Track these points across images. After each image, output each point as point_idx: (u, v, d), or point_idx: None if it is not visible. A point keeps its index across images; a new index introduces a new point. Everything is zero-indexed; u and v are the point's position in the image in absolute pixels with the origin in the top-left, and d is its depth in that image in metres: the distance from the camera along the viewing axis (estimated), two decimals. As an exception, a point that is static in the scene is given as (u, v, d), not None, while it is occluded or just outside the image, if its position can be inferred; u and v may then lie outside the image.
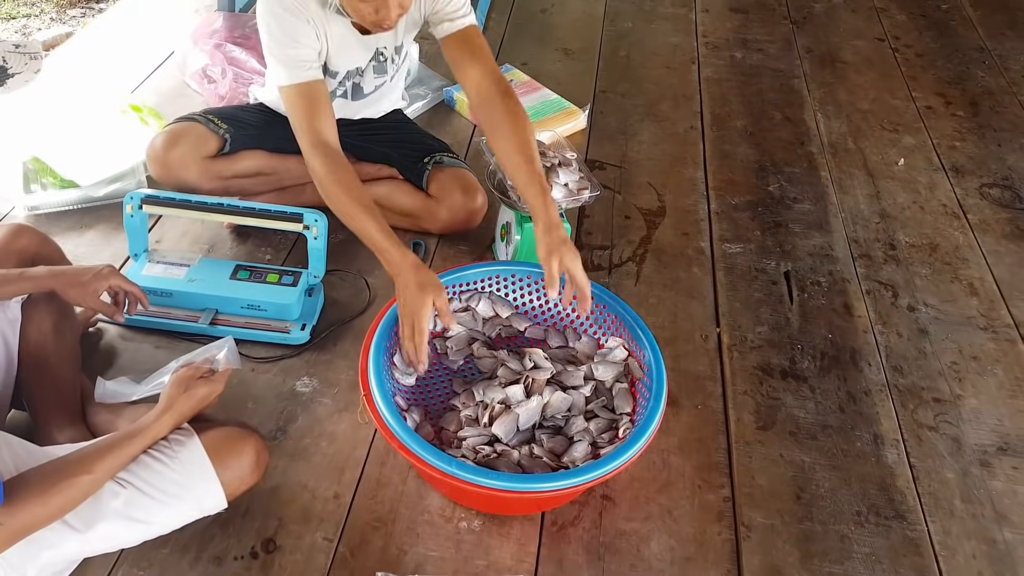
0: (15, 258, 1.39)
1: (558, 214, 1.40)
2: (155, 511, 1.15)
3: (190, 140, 1.70)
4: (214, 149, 1.73)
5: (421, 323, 1.33)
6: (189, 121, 1.75)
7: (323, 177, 1.44)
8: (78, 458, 1.11)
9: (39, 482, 1.04)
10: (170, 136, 1.71)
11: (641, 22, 2.92)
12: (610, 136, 2.30)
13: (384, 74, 1.78)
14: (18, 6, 3.60)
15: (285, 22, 1.48)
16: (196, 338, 1.59)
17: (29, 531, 1.03)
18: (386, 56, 1.73)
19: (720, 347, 1.68)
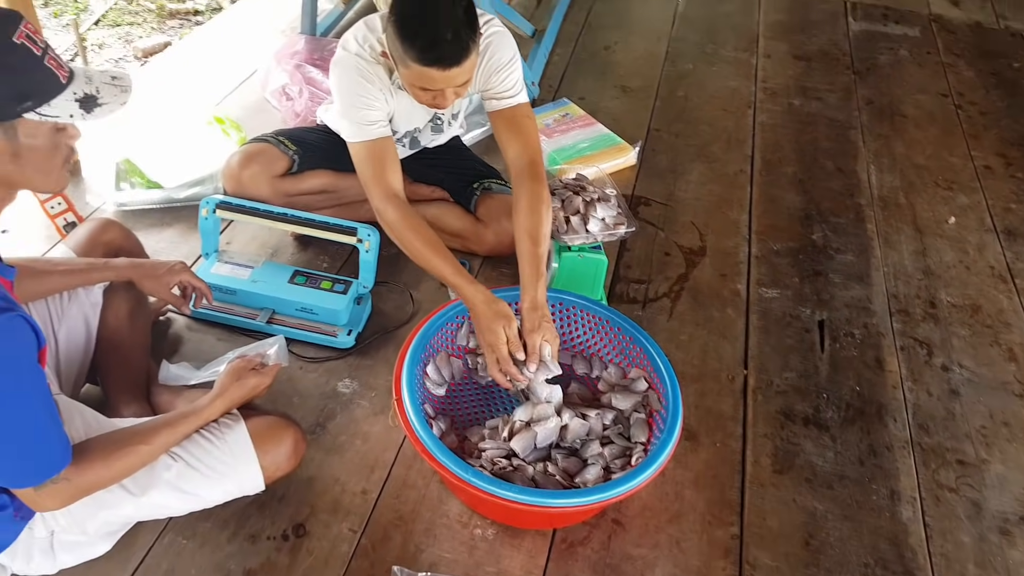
0: (102, 249, 1.57)
1: (546, 297, 1.54)
2: (201, 485, 1.29)
3: (262, 160, 1.87)
4: (283, 169, 1.90)
5: (502, 352, 1.47)
6: (262, 142, 1.92)
7: (396, 224, 1.59)
8: (139, 430, 1.26)
9: (104, 448, 1.19)
10: (244, 156, 1.88)
11: (702, 64, 3.01)
12: (659, 174, 2.39)
13: (441, 132, 1.95)
14: (123, 14, 3.93)
15: (358, 86, 1.62)
16: (253, 334, 1.75)
17: (92, 490, 1.18)
18: (443, 120, 1.91)
19: (745, 388, 1.75)
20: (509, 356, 1.48)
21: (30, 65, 0.98)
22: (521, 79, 1.72)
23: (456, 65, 1.46)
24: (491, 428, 1.50)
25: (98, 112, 1.04)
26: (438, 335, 1.59)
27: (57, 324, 1.47)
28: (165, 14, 3.97)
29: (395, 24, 1.46)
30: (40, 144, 1.02)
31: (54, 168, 1.07)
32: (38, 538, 1.25)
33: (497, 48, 1.67)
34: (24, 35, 0.98)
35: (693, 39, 3.18)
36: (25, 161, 1.02)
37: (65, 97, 1.01)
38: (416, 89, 1.54)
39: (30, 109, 0.99)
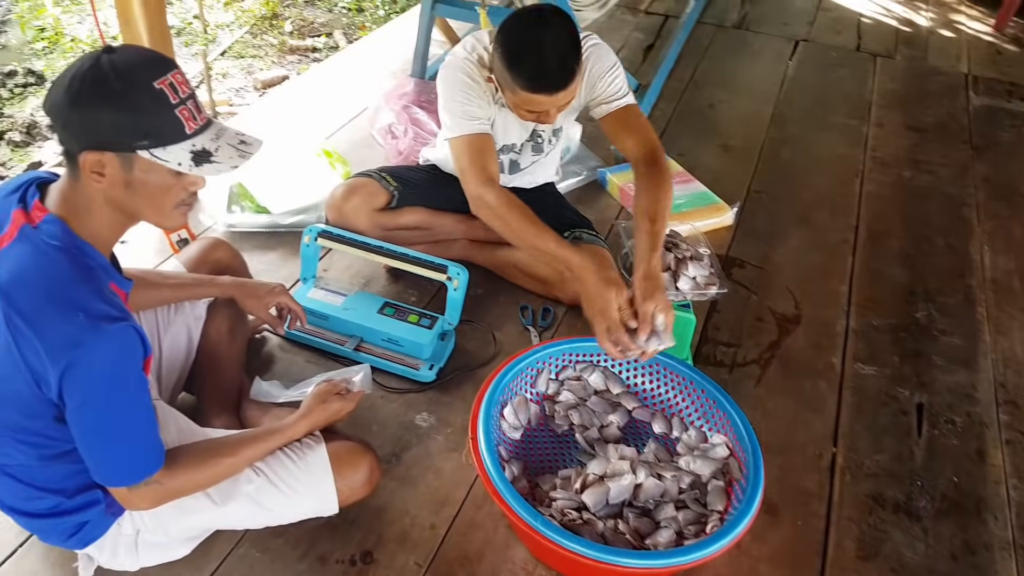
0: (209, 266, 1.68)
1: (660, 267, 1.56)
2: (278, 501, 1.35)
3: (364, 194, 1.97)
4: (383, 203, 1.99)
5: (612, 318, 1.50)
6: (365, 177, 2.02)
7: (498, 205, 1.69)
8: (227, 442, 1.33)
9: (194, 456, 1.26)
10: (348, 188, 1.99)
11: (809, 128, 2.98)
12: (756, 236, 2.37)
13: (540, 152, 2.00)
14: (247, 47, 4.23)
15: (464, 84, 1.75)
16: (340, 359, 1.83)
17: (179, 494, 1.25)
18: (543, 137, 1.96)
19: (833, 467, 1.69)
20: (620, 323, 1.49)
21: (159, 110, 1.06)
22: (626, 83, 1.81)
23: (562, 90, 1.57)
24: (563, 478, 1.50)
25: (207, 168, 1.11)
26: (518, 378, 1.62)
27: (162, 333, 1.57)
28: (286, 49, 4.25)
29: (502, 53, 1.56)
30: (152, 181, 1.10)
31: (164, 207, 1.14)
32: (125, 535, 1.32)
33: (598, 58, 1.78)
34: (167, 83, 1.06)
35: (802, 103, 3.16)
36: (135, 193, 1.10)
37: (182, 147, 1.09)
38: (521, 110, 1.64)
39: (145, 148, 1.06)
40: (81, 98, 1.03)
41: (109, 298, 1.10)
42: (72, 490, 1.24)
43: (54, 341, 1.05)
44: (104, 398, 1.09)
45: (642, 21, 3.78)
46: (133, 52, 1.10)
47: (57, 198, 1.12)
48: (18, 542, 1.42)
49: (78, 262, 1.10)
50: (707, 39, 3.63)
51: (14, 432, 1.16)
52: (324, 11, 4.71)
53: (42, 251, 1.08)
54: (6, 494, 1.26)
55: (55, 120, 1.07)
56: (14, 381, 1.08)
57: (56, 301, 1.06)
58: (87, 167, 1.07)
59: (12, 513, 1.29)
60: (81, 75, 1.04)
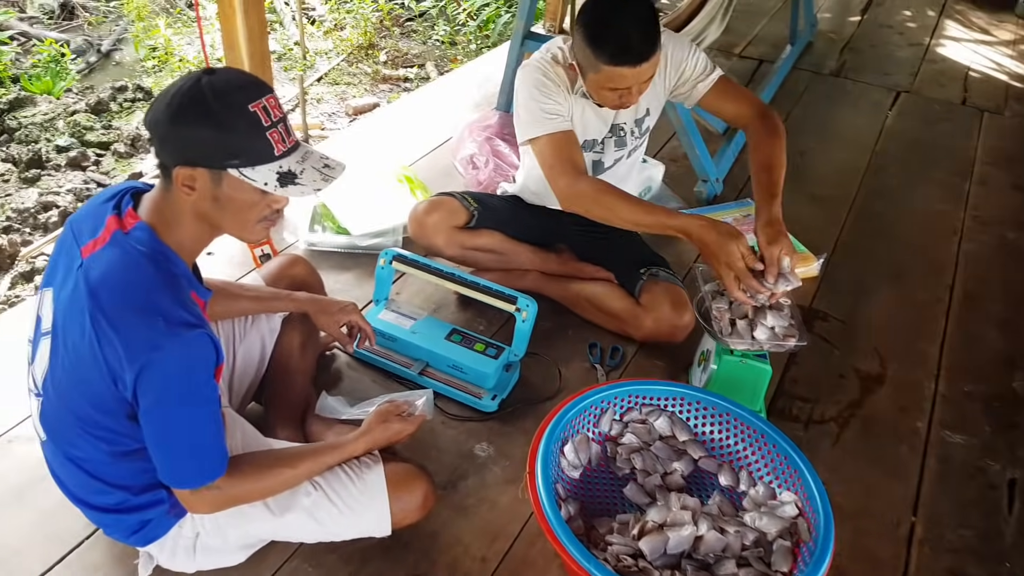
0: (287, 281, 1.74)
1: (780, 214, 1.65)
2: (333, 517, 1.37)
3: (445, 210, 2.02)
4: (462, 221, 2.04)
5: (739, 267, 1.58)
6: (448, 196, 2.08)
7: (593, 191, 1.74)
8: (288, 455, 1.37)
9: (256, 465, 1.31)
10: (430, 204, 2.05)
11: (906, 182, 2.89)
12: (842, 290, 2.30)
13: (624, 147, 2.00)
14: (342, 75, 4.41)
15: (540, 82, 1.80)
16: (405, 382, 1.86)
17: (239, 502, 1.29)
18: (625, 130, 1.96)
19: (911, 537, 1.61)
20: (747, 270, 1.57)
21: (251, 132, 1.12)
22: (708, 58, 1.86)
23: (646, 61, 1.61)
24: (621, 523, 1.47)
25: (291, 189, 1.16)
26: (581, 416, 1.61)
27: (238, 343, 1.64)
28: (379, 78, 4.42)
29: (583, 31, 1.61)
30: (239, 198, 1.16)
31: (248, 222, 1.20)
32: (185, 537, 1.37)
33: (675, 43, 1.85)
34: (261, 106, 1.12)
35: (899, 155, 3.07)
36: (222, 207, 1.16)
37: (270, 167, 1.14)
38: (604, 91, 1.68)
39: (234, 166, 1.12)
40: (180, 116, 1.10)
41: (188, 306, 1.15)
42: (138, 488, 1.29)
43: (133, 342, 1.10)
44: (175, 401, 1.14)
45: (735, 65, 3.77)
46: (232, 75, 1.16)
47: (149, 207, 1.19)
48: (85, 534, 1.48)
49: (162, 269, 1.16)
50: (802, 85, 3.58)
51: (87, 426, 1.22)
52: (419, 43, 4.89)
53: (130, 256, 1.15)
54: (75, 485, 1.32)
55: (154, 134, 1.14)
56: (92, 376, 1.14)
57: (138, 305, 1.12)
58: (179, 180, 1.13)
59: (80, 504, 1.35)
60: (182, 94, 1.10)
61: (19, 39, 4.30)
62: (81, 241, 1.19)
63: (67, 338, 1.17)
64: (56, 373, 1.21)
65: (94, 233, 1.18)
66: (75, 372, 1.18)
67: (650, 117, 1.99)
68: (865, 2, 4.64)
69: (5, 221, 2.94)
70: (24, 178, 3.20)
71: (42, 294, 1.25)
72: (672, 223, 1.68)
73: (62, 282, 1.20)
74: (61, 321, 1.19)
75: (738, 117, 1.90)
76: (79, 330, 1.14)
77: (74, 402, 1.21)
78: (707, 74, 1.87)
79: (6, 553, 1.46)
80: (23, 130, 3.49)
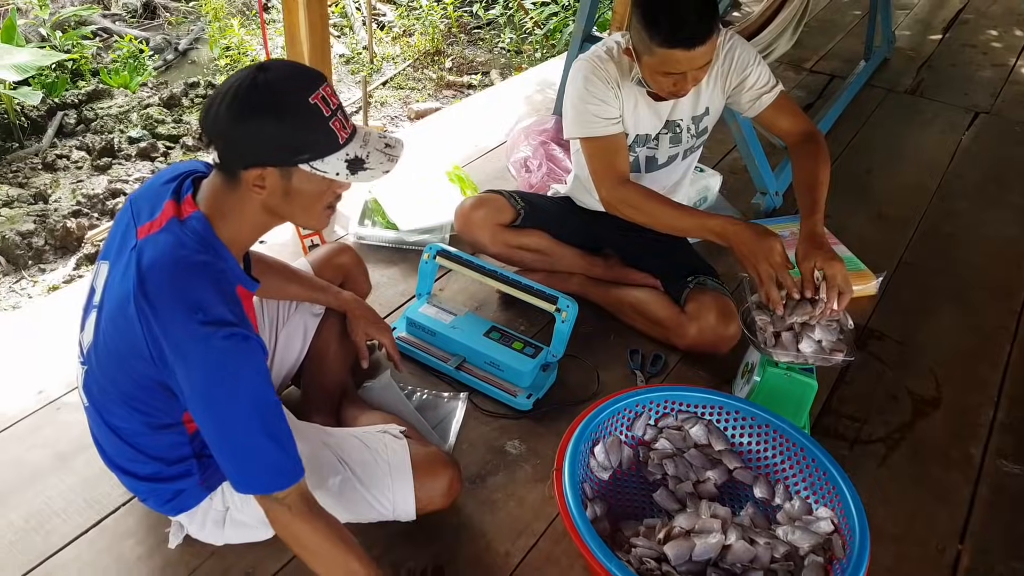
0: (333, 269, 1.79)
1: (823, 229, 1.68)
2: (359, 499, 1.41)
3: (492, 207, 2.06)
4: (508, 219, 2.07)
5: (776, 260, 1.63)
6: (496, 193, 2.11)
7: (639, 198, 1.81)
8: None
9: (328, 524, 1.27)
10: (478, 200, 2.09)
11: (979, 205, 2.80)
12: (901, 310, 2.24)
13: (679, 143, 1.99)
14: (407, 80, 4.52)
15: (591, 83, 1.81)
16: (442, 376, 1.90)
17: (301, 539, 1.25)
18: (682, 127, 1.96)
19: (956, 565, 1.55)
20: (783, 266, 1.62)
21: (316, 125, 1.15)
22: (771, 73, 1.87)
23: (701, 44, 1.61)
24: (648, 527, 1.47)
25: (361, 175, 1.19)
26: (615, 418, 1.61)
27: (281, 326, 1.70)
28: (443, 84, 4.51)
29: (640, 12, 1.62)
30: (309, 190, 1.19)
31: (316, 211, 1.24)
32: (215, 510, 1.42)
33: (743, 48, 1.86)
34: (320, 97, 1.15)
35: (974, 178, 2.98)
36: (293, 200, 1.20)
37: (338, 156, 1.17)
38: (658, 76, 1.69)
39: (305, 161, 1.16)
40: (243, 117, 1.12)
41: (230, 303, 1.17)
42: (172, 459, 1.34)
43: (173, 332, 1.13)
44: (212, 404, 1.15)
45: (805, 79, 3.71)
46: (285, 68, 1.18)
47: (208, 198, 1.21)
48: (122, 501, 1.56)
49: (211, 262, 1.18)
50: (874, 103, 3.50)
51: (126, 398, 1.26)
52: (485, 51, 4.97)
53: (182, 245, 1.17)
54: (114, 452, 1.38)
55: (217, 138, 1.16)
56: (132, 354, 1.18)
57: (182, 296, 1.14)
58: (250, 181, 1.16)
59: (117, 471, 1.40)
60: (241, 94, 1.12)
61: (101, 35, 4.55)
62: (139, 221, 1.23)
63: (113, 314, 1.21)
64: (99, 345, 1.26)
65: (152, 215, 1.22)
66: (117, 349, 1.22)
67: (709, 117, 1.98)
68: (948, 20, 4.52)
69: (75, 205, 3.11)
70: (96, 165, 3.38)
71: (99, 265, 1.30)
72: (709, 224, 1.74)
73: (116, 258, 1.24)
74: (109, 298, 1.23)
75: (788, 134, 1.92)
76: (123, 311, 1.17)
77: (114, 375, 1.25)
78: (771, 87, 1.88)
79: (47, 513, 1.54)
80: (99, 121, 3.69)
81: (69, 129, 3.65)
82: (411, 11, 5.17)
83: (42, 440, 1.69)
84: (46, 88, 3.76)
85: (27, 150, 3.47)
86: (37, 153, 3.45)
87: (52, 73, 3.93)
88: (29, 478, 1.60)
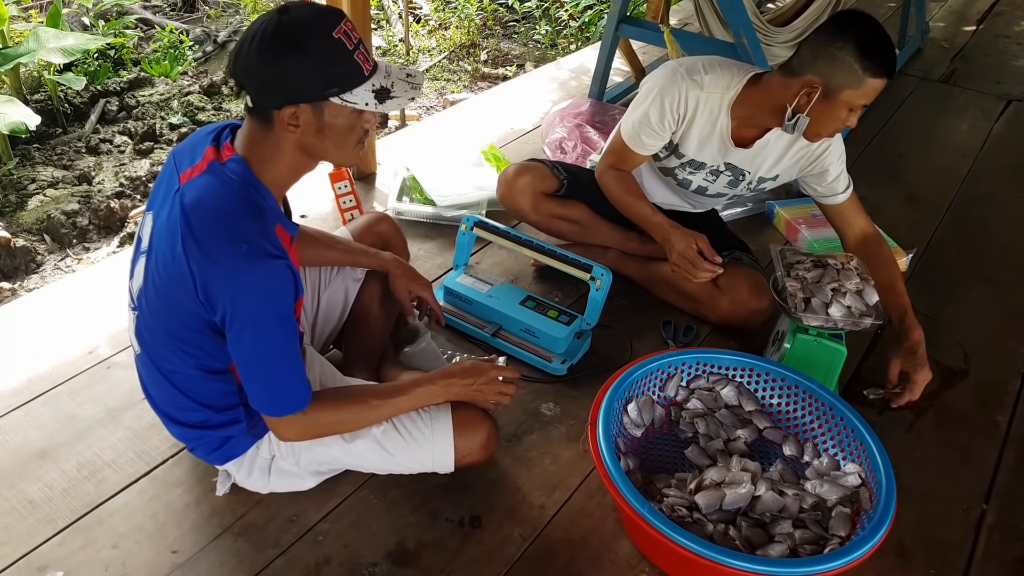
0: (373, 237, 1.86)
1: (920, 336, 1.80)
2: (400, 447, 1.48)
3: (535, 174, 2.12)
4: (551, 188, 2.14)
5: (690, 253, 1.83)
6: (539, 162, 2.18)
7: (611, 183, 2.01)
8: (362, 391, 1.48)
9: (341, 398, 1.42)
10: (521, 167, 2.15)
11: (1010, 189, 2.82)
12: (931, 287, 2.28)
13: (735, 188, 2.04)
14: (443, 72, 4.61)
15: (661, 106, 1.88)
16: (478, 343, 1.97)
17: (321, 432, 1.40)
18: (746, 178, 2.00)
19: (981, 523, 1.59)
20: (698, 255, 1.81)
21: (342, 58, 1.21)
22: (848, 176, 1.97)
23: None
24: (679, 480, 1.53)
25: (389, 104, 1.26)
26: (647, 378, 1.67)
27: (323, 289, 1.77)
28: (478, 76, 4.59)
29: (854, 44, 1.65)
30: (340, 124, 1.25)
31: (348, 145, 1.30)
32: (261, 458, 1.50)
33: (837, 143, 1.93)
34: (343, 31, 1.21)
35: (1006, 162, 3.00)
36: (326, 136, 1.26)
37: (365, 88, 1.23)
38: (845, 112, 1.72)
39: (336, 94, 1.22)
40: (274, 56, 1.18)
41: (272, 237, 1.23)
42: (221, 407, 1.41)
43: (220, 265, 1.20)
44: (259, 326, 1.23)
45: (836, 69, 3.74)
46: (306, 8, 1.23)
47: (245, 142, 1.28)
48: (171, 453, 1.65)
49: (252, 200, 1.24)
50: (907, 90, 3.53)
51: (177, 341, 1.33)
52: (520, 44, 5.05)
53: (224, 184, 1.24)
54: (164, 401, 1.45)
55: (249, 81, 1.21)
56: (181, 294, 1.24)
57: (227, 230, 1.20)
58: (284, 120, 1.22)
59: (167, 419, 1.47)
60: (268, 36, 1.17)
61: (142, 26, 4.69)
62: (181, 168, 1.29)
63: (160, 257, 1.26)
64: (149, 290, 1.32)
65: (192, 162, 1.28)
66: (166, 289, 1.27)
67: (773, 183, 2.04)
68: (983, 12, 4.53)
69: (119, 187, 3.23)
70: (138, 150, 3.50)
71: (144, 216, 1.36)
72: (654, 220, 1.94)
73: (160, 205, 1.30)
74: (156, 241, 1.29)
75: (853, 234, 1.98)
76: (171, 250, 1.23)
77: (165, 318, 1.31)
78: (845, 188, 1.95)
79: (99, 464, 1.63)
80: (140, 108, 3.82)
81: (111, 115, 3.78)
82: (447, 4, 5.26)
83: (93, 396, 1.78)
84: (89, 76, 3.90)
85: (71, 135, 3.61)
86: (80, 138, 3.58)
87: (95, 61, 4.07)
88: (82, 432, 1.69)
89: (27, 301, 2.14)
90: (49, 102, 3.71)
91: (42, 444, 1.66)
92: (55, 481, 1.59)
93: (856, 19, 1.71)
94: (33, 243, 2.95)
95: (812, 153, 1.90)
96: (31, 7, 4.47)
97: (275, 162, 1.28)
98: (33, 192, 3.18)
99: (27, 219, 3.05)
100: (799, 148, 1.90)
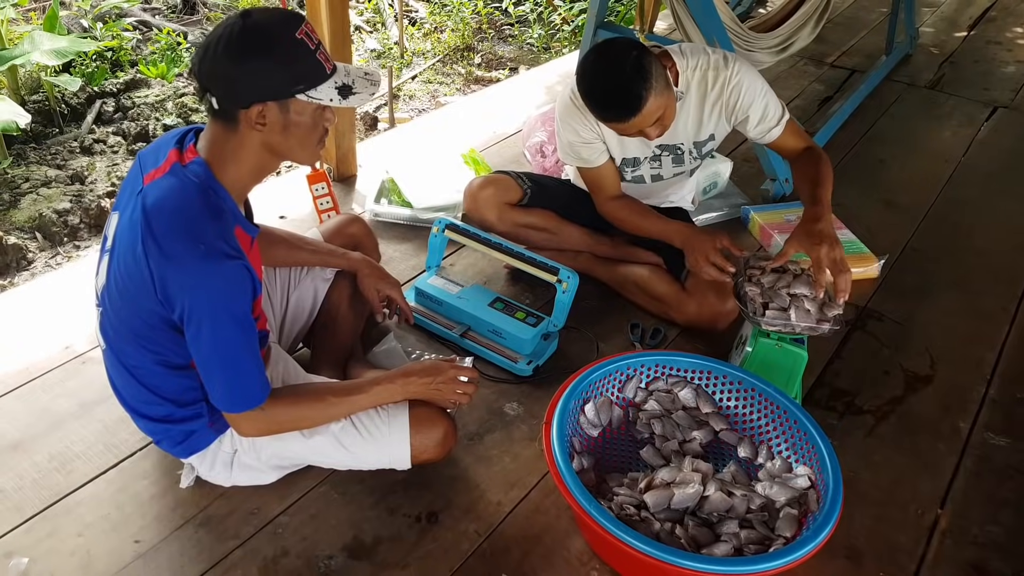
0: (343, 238, 1.89)
1: (828, 213, 1.76)
2: (357, 444, 1.51)
3: (498, 186, 2.15)
4: (515, 199, 2.16)
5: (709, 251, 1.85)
6: (504, 174, 2.21)
7: (622, 213, 2.07)
8: (329, 387, 1.51)
9: (299, 395, 1.46)
10: (485, 180, 2.18)
11: (990, 195, 2.82)
12: (903, 293, 2.29)
13: (682, 164, 2.09)
14: (437, 75, 4.64)
15: (570, 126, 1.97)
16: (447, 343, 1.99)
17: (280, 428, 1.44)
18: (683, 150, 2.05)
19: (934, 527, 1.61)
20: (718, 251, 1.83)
21: (306, 57, 1.26)
22: (778, 101, 1.98)
23: (632, 116, 1.73)
24: (631, 479, 1.55)
25: (352, 99, 1.31)
26: (606, 379, 1.69)
27: (292, 289, 1.81)
28: (471, 79, 4.62)
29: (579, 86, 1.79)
30: (304, 121, 1.30)
31: (311, 143, 1.34)
32: (224, 452, 1.53)
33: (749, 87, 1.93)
34: (304, 33, 1.26)
35: (987, 168, 3.00)
36: (291, 134, 1.30)
37: (329, 85, 1.29)
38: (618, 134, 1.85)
39: (302, 91, 1.26)
40: (242, 56, 1.22)
41: (229, 239, 1.27)
42: (184, 402, 1.45)
43: (178, 264, 1.24)
44: (216, 325, 1.27)
45: (826, 73, 3.76)
46: (266, 12, 1.28)
47: (207, 145, 1.32)
48: (139, 446, 1.68)
49: (211, 202, 1.28)
50: (893, 96, 3.54)
51: (138, 338, 1.37)
52: (514, 48, 5.07)
53: (185, 186, 1.28)
54: (129, 395, 1.48)
55: (216, 83, 1.25)
56: (141, 293, 1.28)
57: (185, 231, 1.24)
58: (251, 119, 1.25)
59: (133, 413, 1.51)
60: (234, 38, 1.22)
61: (141, 28, 4.74)
62: (145, 170, 1.34)
63: (122, 256, 1.30)
64: (112, 288, 1.36)
65: (156, 163, 1.33)
66: (127, 288, 1.31)
67: (713, 142, 2.07)
68: (974, 18, 4.52)
69: (111, 187, 3.27)
70: (131, 150, 3.55)
71: (111, 216, 1.40)
72: (670, 228, 1.99)
73: (125, 205, 1.35)
74: (119, 240, 1.33)
75: (790, 151, 2.02)
76: (132, 250, 1.27)
77: (127, 315, 1.35)
78: (778, 120, 1.97)
79: (69, 456, 1.67)
80: (135, 109, 3.86)
81: (107, 116, 3.83)
82: (442, 8, 5.30)
83: (67, 390, 1.82)
84: (86, 77, 3.95)
85: (66, 135, 3.65)
86: (76, 138, 3.63)
87: (92, 63, 4.12)
88: (54, 424, 1.73)
89: (5, 298, 2.18)
90: (46, 103, 3.76)
91: (15, 436, 1.70)
92: (26, 471, 1.62)
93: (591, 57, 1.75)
94: (24, 241, 2.99)
95: (728, 103, 1.95)
96: (32, 9, 4.53)
97: (238, 163, 1.32)
98: (26, 191, 3.23)
99: (19, 217, 3.10)
100: (711, 103, 1.96)
